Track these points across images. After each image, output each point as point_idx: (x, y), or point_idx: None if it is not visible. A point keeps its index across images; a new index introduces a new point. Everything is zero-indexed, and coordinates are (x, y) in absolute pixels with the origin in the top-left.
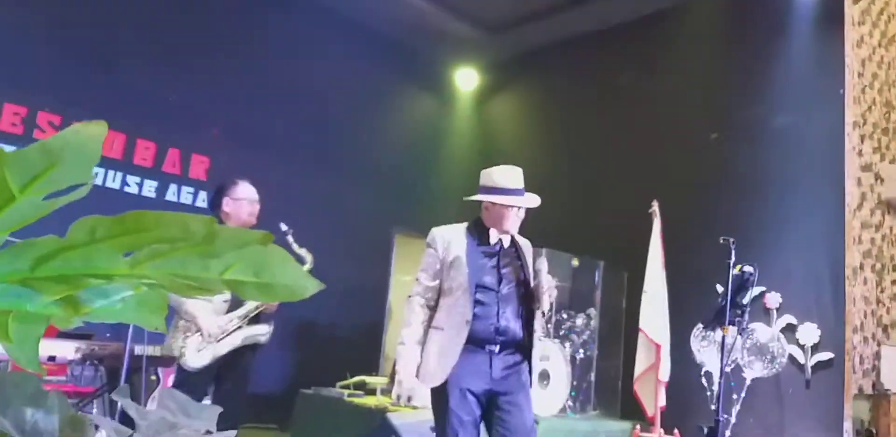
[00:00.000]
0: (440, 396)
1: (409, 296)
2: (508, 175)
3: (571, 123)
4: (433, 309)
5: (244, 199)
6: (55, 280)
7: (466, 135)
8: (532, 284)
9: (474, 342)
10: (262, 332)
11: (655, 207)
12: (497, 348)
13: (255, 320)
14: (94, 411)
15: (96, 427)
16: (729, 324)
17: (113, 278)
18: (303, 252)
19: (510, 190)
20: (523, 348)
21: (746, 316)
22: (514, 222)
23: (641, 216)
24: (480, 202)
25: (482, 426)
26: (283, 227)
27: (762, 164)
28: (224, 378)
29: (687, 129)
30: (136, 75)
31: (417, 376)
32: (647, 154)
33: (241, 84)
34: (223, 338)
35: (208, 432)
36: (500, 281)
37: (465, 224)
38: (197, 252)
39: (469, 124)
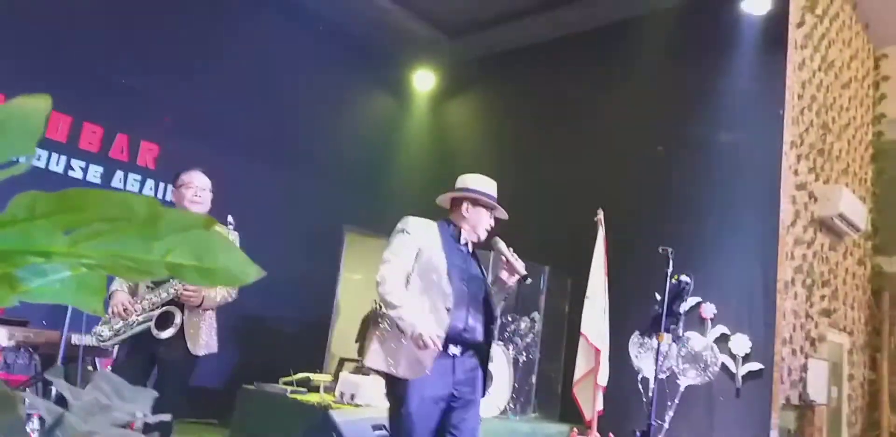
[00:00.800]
0: (401, 398)
1: (382, 274)
2: (490, 185)
3: (523, 128)
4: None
5: (185, 184)
6: None
7: (421, 135)
8: (490, 289)
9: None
10: (150, 321)
11: (601, 215)
12: (460, 351)
13: (165, 321)
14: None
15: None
16: (664, 331)
17: (52, 256)
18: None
19: (492, 196)
20: (482, 351)
21: (681, 324)
22: (487, 227)
23: (587, 224)
24: (450, 205)
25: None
26: (230, 219)
27: (704, 178)
28: (161, 371)
29: (634, 141)
30: (88, 57)
31: (394, 365)
32: (594, 163)
33: (199, 73)
34: (130, 321)
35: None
36: (469, 280)
37: (435, 221)
38: (139, 233)
39: (424, 125)
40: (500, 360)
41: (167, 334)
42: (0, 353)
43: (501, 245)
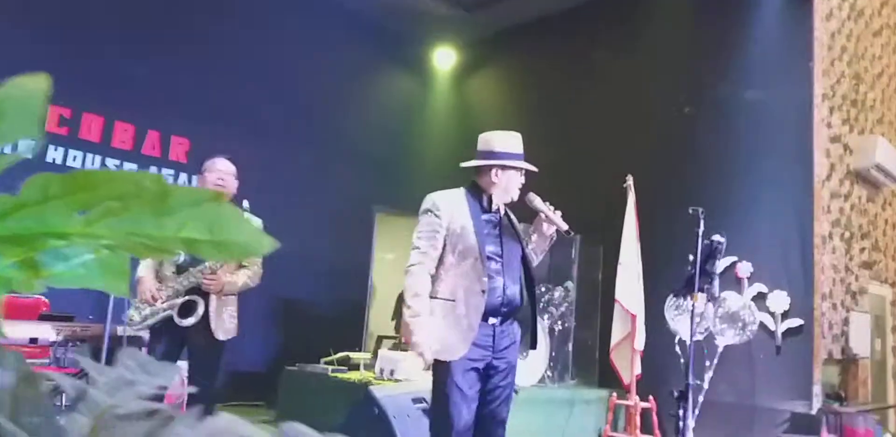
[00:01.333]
0: (444, 371)
1: (411, 265)
2: (514, 141)
3: (548, 99)
4: (432, 279)
5: (208, 170)
6: (11, 241)
7: (445, 113)
8: (527, 252)
9: (482, 315)
10: (174, 307)
11: (630, 181)
12: (500, 321)
13: (188, 310)
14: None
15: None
16: (698, 291)
17: (69, 236)
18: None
19: (519, 155)
20: (524, 318)
21: (716, 284)
22: (519, 188)
23: (616, 191)
24: (475, 169)
25: None
26: (245, 204)
27: (733, 137)
28: (190, 356)
29: (660, 104)
30: (113, 58)
31: (432, 342)
32: (622, 129)
33: (222, 66)
34: (156, 307)
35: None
36: (502, 250)
37: (461, 190)
38: (150, 210)
39: (447, 103)
40: (537, 329)
41: (189, 322)
42: (49, 348)
43: (538, 202)
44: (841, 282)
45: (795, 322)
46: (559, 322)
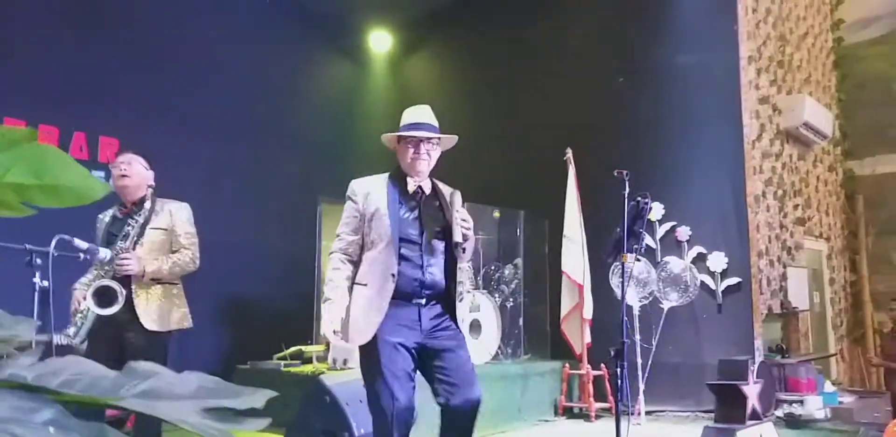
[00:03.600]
0: (370, 353)
1: (331, 252)
2: (415, 111)
3: (485, 77)
4: (355, 264)
5: (113, 165)
6: None
7: (384, 97)
8: (454, 234)
9: (401, 297)
10: (109, 308)
11: (570, 154)
12: (423, 302)
13: (108, 298)
14: None
15: None
16: (627, 252)
17: None
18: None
19: (414, 124)
20: (449, 300)
21: (643, 243)
22: (422, 158)
23: (557, 164)
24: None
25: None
26: (151, 184)
27: (665, 103)
28: (129, 356)
29: (594, 75)
30: (31, 58)
31: (345, 335)
32: (558, 103)
33: (149, 60)
34: (83, 310)
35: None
36: (422, 233)
37: (385, 175)
38: None
39: (386, 86)
40: (487, 308)
41: (111, 310)
42: None
43: (455, 201)
44: (777, 239)
45: (734, 280)
46: (510, 299)
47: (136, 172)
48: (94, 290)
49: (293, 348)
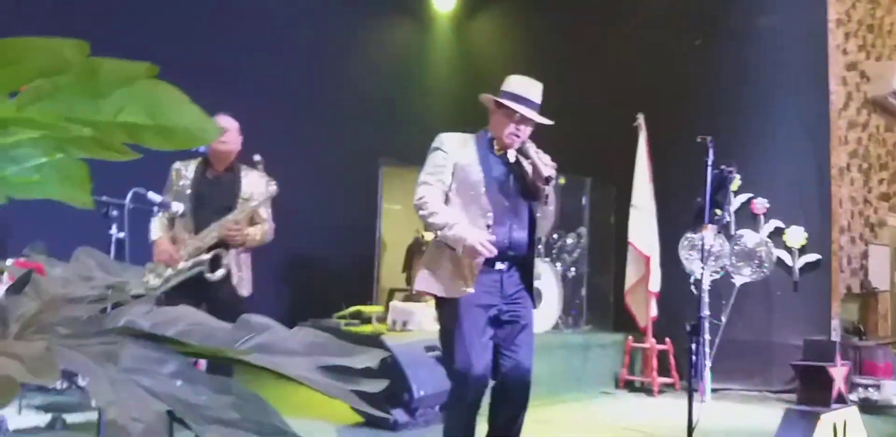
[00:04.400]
0: (451, 315)
1: (419, 198)
2: (525, 84)
3: (553, 39)
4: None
5: None
6: None
7: (447, 58)
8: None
9: (485, 260)
10: (201, 264)
11: (641, 120)
12: (506, 266)
13: (214, 264)
14: None
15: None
16: (709, 223)
17: (5, 123)
18: (270, 181)
19: (520, 98)
20: (528, 267)
21: (727, 215)
22: (511, 132)
23: (627, 131)
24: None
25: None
26: (257, 157)
27: (746, 67)
28: (212, 315)
29: (670, 36)
30: (102, 23)
31: (431, 285)
32: (631, 66)
33: (216, 24)
34: (181, 267)
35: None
36: (509, 192)
37: (472, 134)
38: (81, 89)
39: (449, 47)
40: (549, 276)
41: (219, 275)
42: None
43: (528, 148)
44: (859, 215)
45: (813, 257)
46: (572, 268)
47: (233, 138)
48: (211, 256)
49: (353, 308)
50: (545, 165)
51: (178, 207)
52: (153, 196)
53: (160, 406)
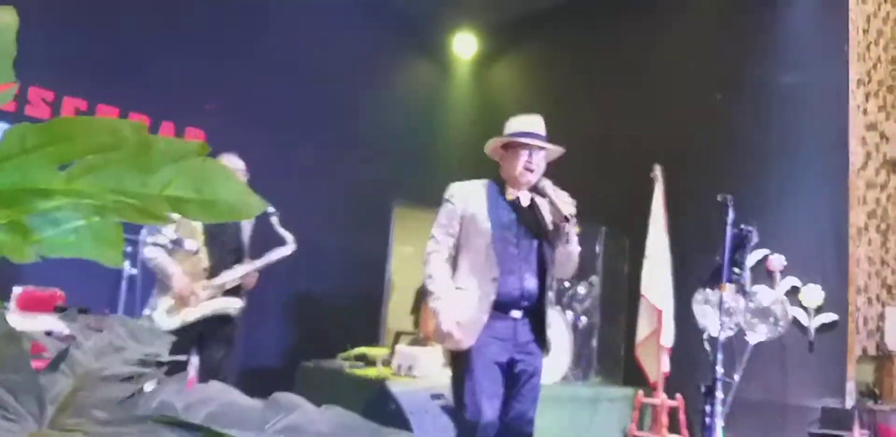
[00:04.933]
0: (464, 364)
1: (427, 253)
2: (524, 119)
3: (573, 87)
4: (452, 268)
5: None
6: None
7: (466, 103)
8: (551, 248)
9: (499, 307)
10: (235, 305)
11: (657, 171)
12: (520, 314)
13: (232, 293)
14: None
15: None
16: (726, 282)
17: (52, 194)
18: (285, 233)
19: (524, 133)
20: (540, 313)
21: (745, 275)
22: (534, 168)
23: (643, 181)
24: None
25: None
26: (270, 209)
27: (766, 123)
28: (208, 350)
29: (690, 90)
30: (126, 50)
31: (443, 336)
32: (650, 117)
33: (236, 55)
34: (197, 304)
35: (161, 362)
36: (519, 240)
37: (483, 181)
38: (132, 165)
39: (469, 92)
40: (559, 325)
41: (238, 308)
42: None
43: (545, 184)
44: (877, 275)
45: (830, 317)
46: (583, 318)
47: (241, 179)
48: (229, 290)
49: (358, 350)
50: (564, 202)
51: (192, 245)
52: (168, 233)
53: None
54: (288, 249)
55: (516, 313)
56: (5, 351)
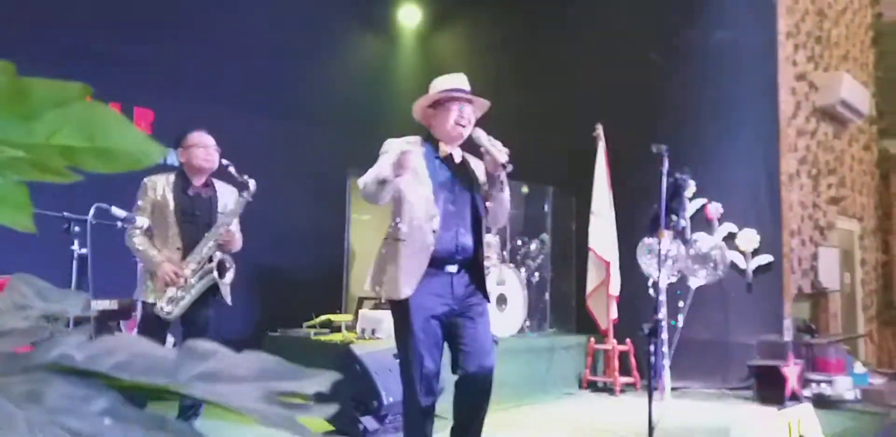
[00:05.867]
0: (402, 319)
1: (361, 181)
2: (452, 77)
3: (514, 52)
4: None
5: (194, 145)
6: None
7: (413, 72)
8: (483, 202)
9: (436, 263)
10: (227, 276)
11: (599, 130)
12: (456, 269)
13: (221, 269)
14: None
15: None
16: (664, 228)
17: None
18: (246, 178)
19: (455, 89)
20: (477, 268)
21: (685, 222)
22: (464, 122)
23: (587, 140)
24: (425, 119)
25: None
26: (224, 161)
27: (700, 79)
28: (188, 327)
29: (627, 50)
30: (69, 28)
31: (380, 282)
32: (591, 79)
33: (181, 34)
34: (194, 285)
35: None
36: (455, 197)
37: (418, 137)
38: (10, 112)
39: (416, 60)
40: (513, 282)
41: (230, 278)
42: None
43: (479, 134)
44: (809, 218)
45: (765, 259)
46: (536, 274)
47: (214, 156)
48: (217, 263)
49: (322, 317)
50: (499, 150)
51: (142, 221)
52: (117, 211)
53: None
54: (248, 194)
55: (452, 268)
56: None
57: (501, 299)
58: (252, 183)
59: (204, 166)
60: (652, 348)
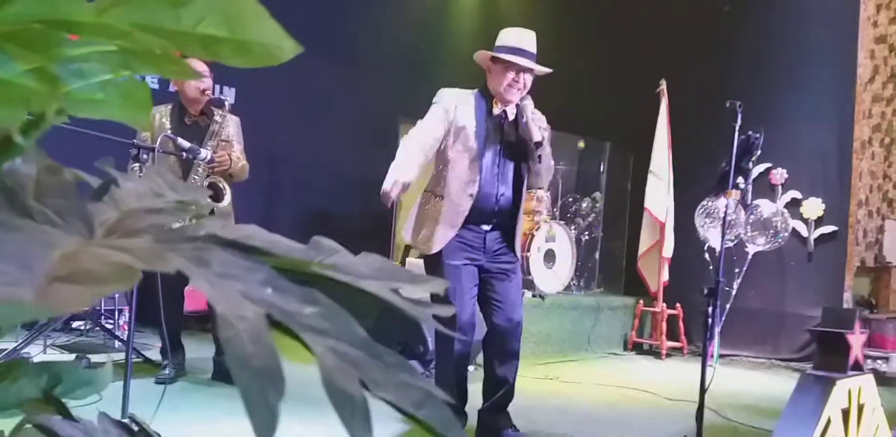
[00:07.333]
0: (434, 267)
1: (407, 137)
2: (517, 34)
3: (578, 4)
4: (426, 163)
5: None
6: (21, 39)
7: (470, 18)
8: (528, 162)
9: (472, 220)
10: (224, 202)
11: (663, 86)
12: (490, 227)
13: (216, 194)
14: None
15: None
16: (733, 189)
17: (81, 28)
18: (222, 97)
19: (515, 49)
20: (511, 226)
21: (749, 184)
22: (511, 85)
23: (649, 96)
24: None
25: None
26: (223, 96)
27: (773, 36)
28: None
29: (698, 3)
30: None
31: (414, 239)
32: (657, 31)
33: None
34: None
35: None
36: (500, 158)
37: (472, 91)
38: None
39: (472, 6)
40: (563, 239)
41: (227, 202)
42: None
43: (525, 105)
44: (878, 189)
45: (829, 229)
46: (586, 232)
47: (209, 82)
48: (206, 185)
49: None
50: (539, 128)
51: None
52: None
53: (258, 309)
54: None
55: (486, 227)
56: (49, 181)
57: (550, 256)
58: (227, 102)
59: (192, 95)
60: (710, 309)
